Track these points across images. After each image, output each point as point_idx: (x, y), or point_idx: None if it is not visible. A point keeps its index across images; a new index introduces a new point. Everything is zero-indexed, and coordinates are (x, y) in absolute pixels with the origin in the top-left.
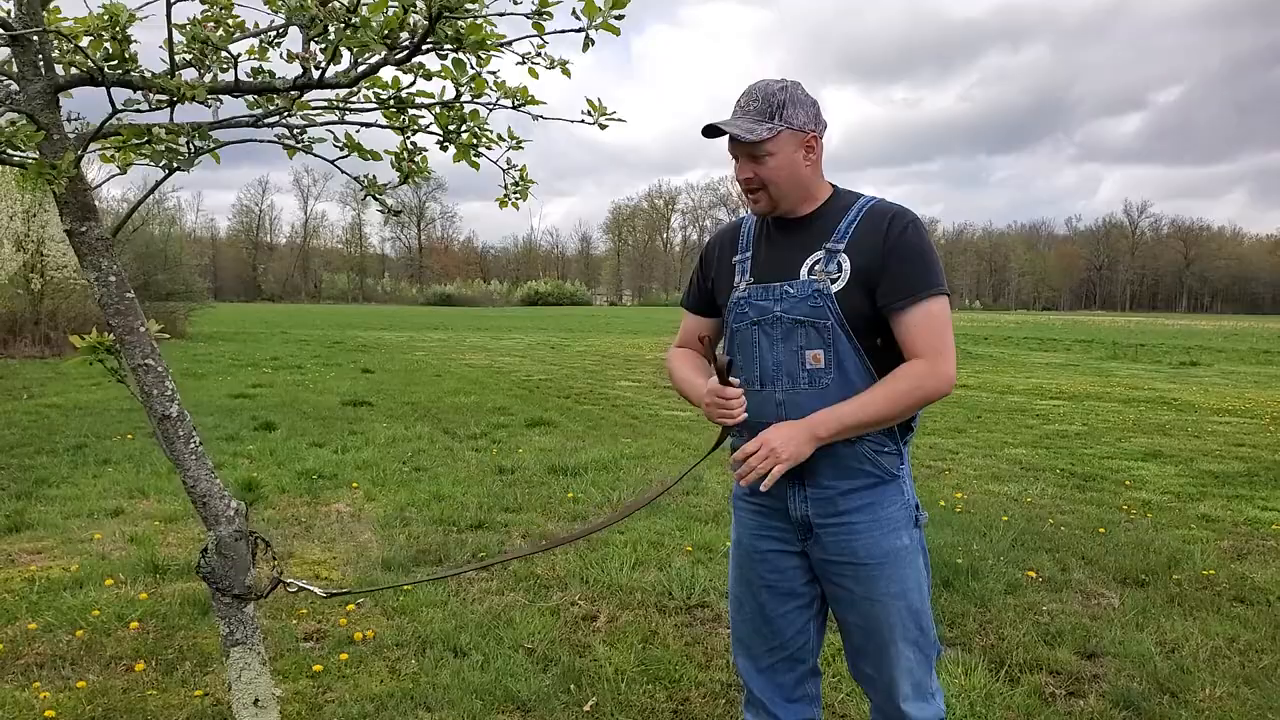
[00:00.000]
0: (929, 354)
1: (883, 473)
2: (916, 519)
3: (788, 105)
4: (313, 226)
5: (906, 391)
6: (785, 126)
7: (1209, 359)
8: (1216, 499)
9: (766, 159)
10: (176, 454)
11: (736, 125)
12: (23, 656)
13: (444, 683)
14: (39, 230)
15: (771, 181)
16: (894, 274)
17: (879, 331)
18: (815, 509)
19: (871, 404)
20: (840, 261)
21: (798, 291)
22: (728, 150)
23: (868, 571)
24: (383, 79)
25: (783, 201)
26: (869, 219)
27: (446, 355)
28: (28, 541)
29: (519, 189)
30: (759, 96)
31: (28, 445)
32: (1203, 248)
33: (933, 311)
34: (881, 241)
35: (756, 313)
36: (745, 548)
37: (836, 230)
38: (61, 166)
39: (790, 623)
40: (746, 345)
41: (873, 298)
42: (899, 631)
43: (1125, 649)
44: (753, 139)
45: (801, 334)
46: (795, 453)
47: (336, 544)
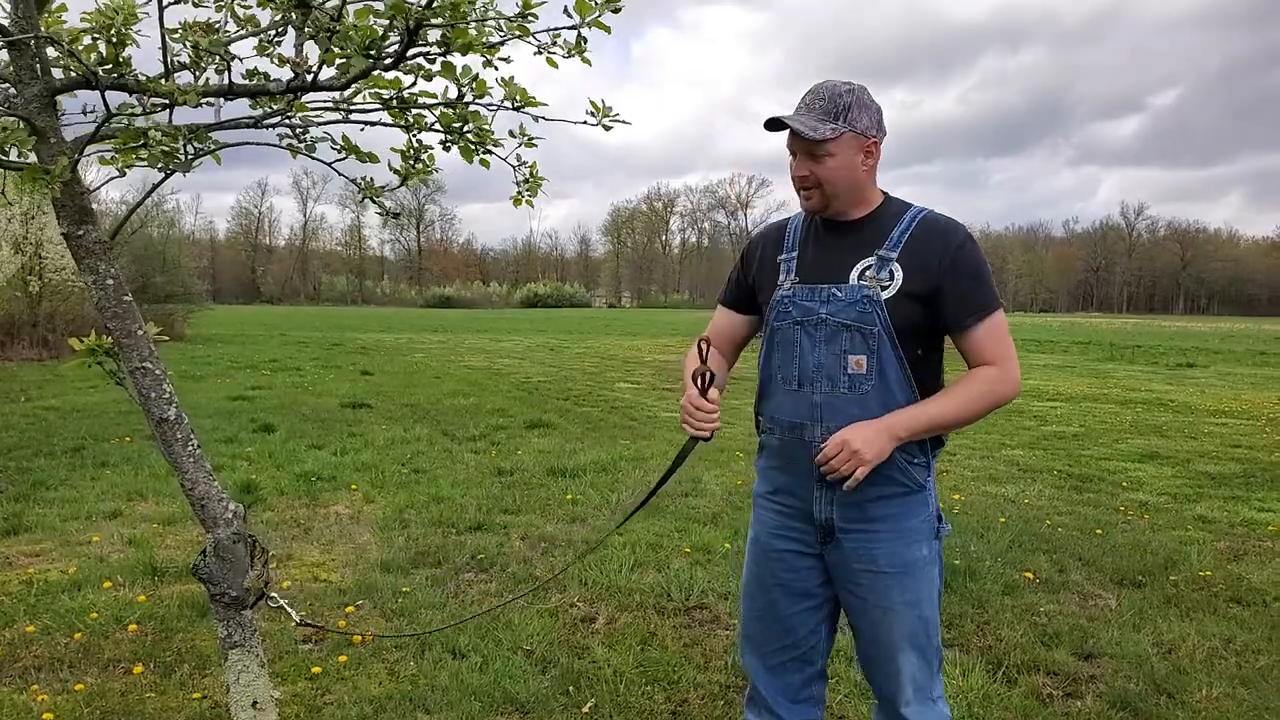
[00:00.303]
0: (999, 361)
1: (912, 483)
2: (938, 531)
3: (853, 108)
4: (312, 229)
5: (981, 395)
6: (849, 129)
7: (1206, 360)
8: (1213, 500)
9: (826, 159)
10: (175, 456)
11: (801, 121)
12: (21, 659)
13: (443, 684)
14: (37, 233)
15: (828, 181)
16: (960, 292)
17: (922, 342)
18: (841, 513)
19: (949, 406)
20: (892, 270)
21: (846, 296)
22: (786, 145)
23: (885, 580)
24: (384, 79)
25: (834, 202)
26: (923, 230)
27: (445, 357)
28: (25, 544)
29: (530, 186)
30: (825, 96)
31: (25, 448)
32: (1199, 250)
33: (998, 323)
34: (940, 257)
35: (800, 313)
36: (762, 545)
37: (889, 238)
38: (55, 171)
39: (802, 622)
40: (787, 344)
41: (923, 308)
42: (908, 639)
43: (1122, 650)
44: (816, 137)
45: (846, 338)
46: (878, 453)
47: (335, 546)
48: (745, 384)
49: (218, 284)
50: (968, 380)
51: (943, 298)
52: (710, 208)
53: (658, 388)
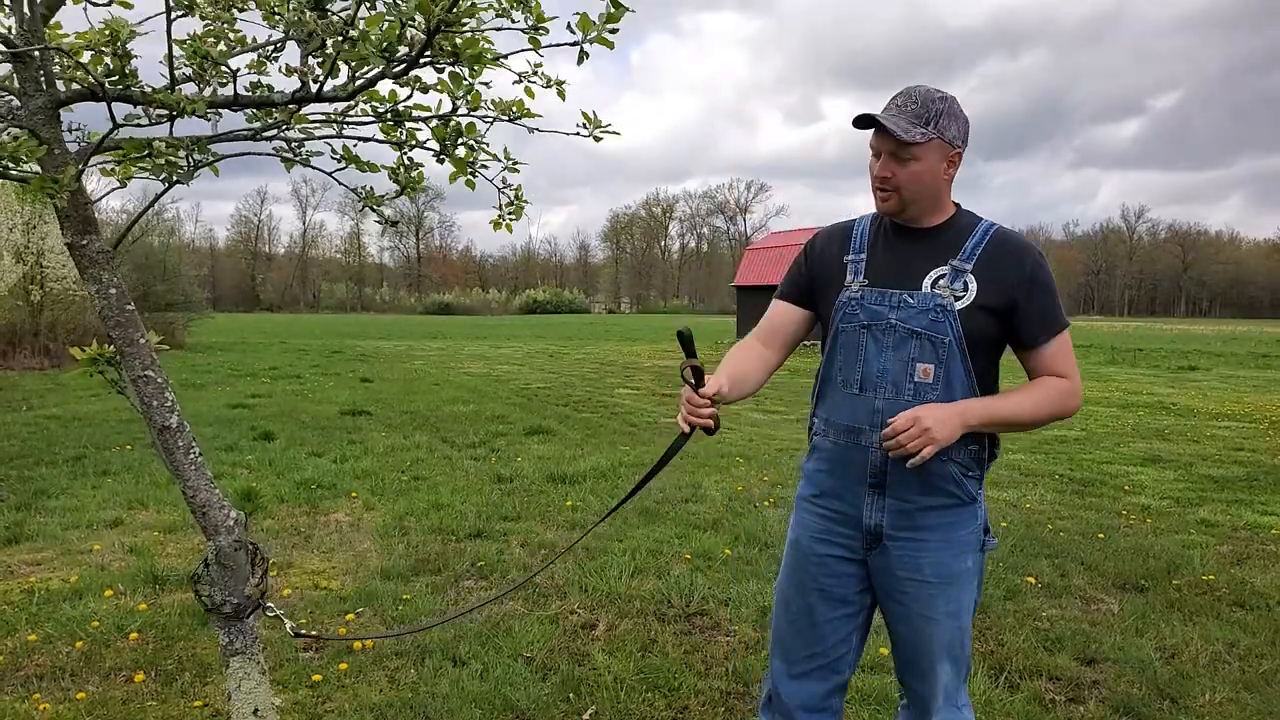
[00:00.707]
0: (1069, 376)
1: (964, 495)
2: (983, 544)
3: (943, 116)
4: (311, 236)
5: (1053, 402)
6: (938, 135)
7: (1208, 363)
8: (1216, 504)
9: (911, 163)
10: (176, 464)
11: (894, 122)
12: (22, 668)
13: (443, 692)
14: (38, 242)
15: (908, 186)
16: (1037, 309)
17: (988, 355)
18: (891, 520)
19: (1021, 405)
20: (967, 281)
21: (918, 303)
22: (870, 143)
23: (929, 590)
24: (379, 93)
25: (911, 207)
26: (997, 245)
27: (445, 364)
28: (27, 553)
29: (513, 209)
30: (918, 100)
31: (27, 456)
32: (1200, 252)
33: (1067, 341)
34: (1017, 274)
35: (868, 316)
36: (803, 549)
37: (963, 249)
38: (63, 181)
39: (835, 630)
40: (851, 347)
41: (993, 322)
42: (945, 649)
43: (1125, 654)
44: (907, 139)
45: (915, 345)
46: (949, 436)
47: (336, 553)
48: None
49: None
50: (1040, 385)
51: (1019, 314)
52: (709, 213)
53: (657, 393)
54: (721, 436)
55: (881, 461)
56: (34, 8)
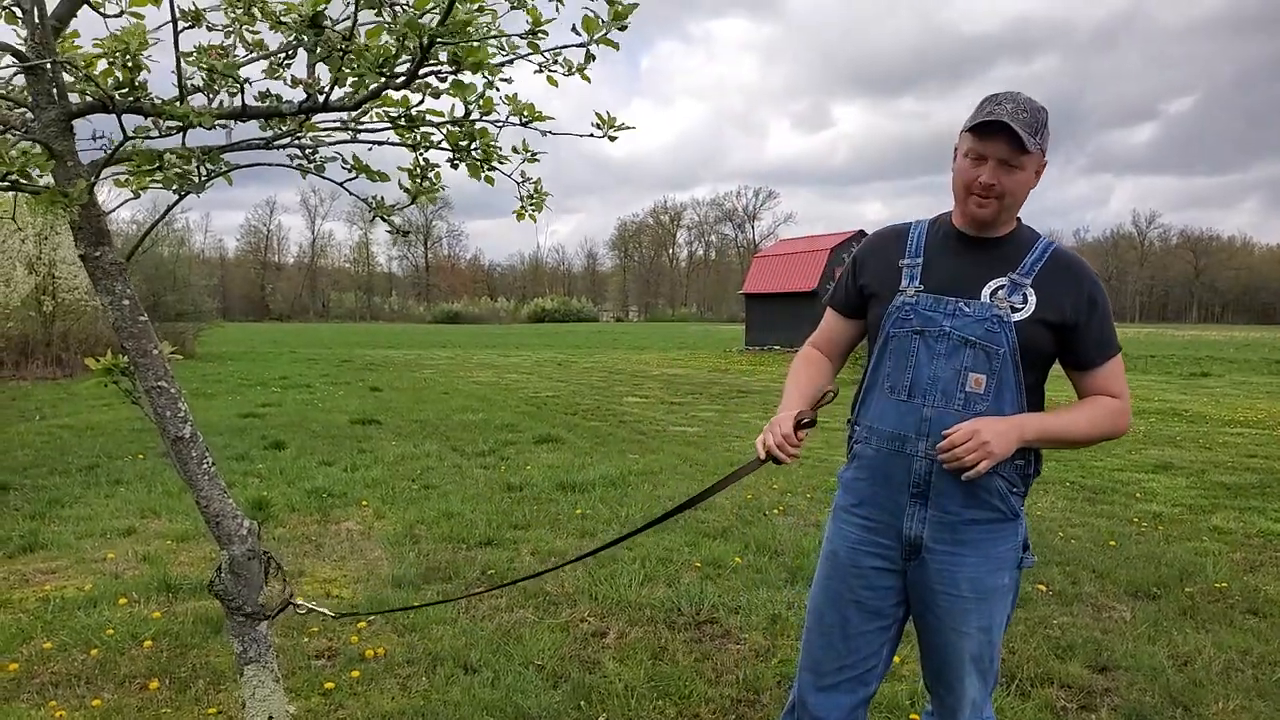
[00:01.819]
0: (1122, 397)
1: (1008, 510)
2: (1021, 560)
3: (1044, 128)
4: (320, 246)
5: (1106, 419)
6: (1041, 148)
7: (1220, 369)
8: (1229, 511)
9: (1018, 172)
10: (190, 474)
11: (1021, 132)
12: (38, 676)
13: (455, 699)
14: (50, 253)
15: (1011, 194)
16: (1096, 330)
17: (1039, 370)
18: (932, 532)
19: (1076, 422)
20: (1026, 294)
21: (975, 312)
22: (974, 148)
23: (963, 604)
24: (392, 98)
25: (1004, 215)
26: (1056, 263)
27: (454, 373)
28: (42, 561)
29: (534, 201)
30: (1028, 109)
31: (41, 466)
32: (1213, 258)
33: (1120, 363)
34: (1077, 294)
35: (921, 322)
36: (842, 560)
37: (1023, 264)
38: (74, 195)
39: (868, 642)
40: (901, 353)
41: (1049, 339)
42: (974, 662)
43: (1137, 662)
44: (1028, 148)
45: (969, 355)
46: (1006, 450)
47: (347, 562)
48: (755, 396)
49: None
50: (1093, 403)
51: (1079, 334)
52: (717, 220)
53: (666, 401)
54: (730, 445)
55: (925, 471)
56: (45, 20)
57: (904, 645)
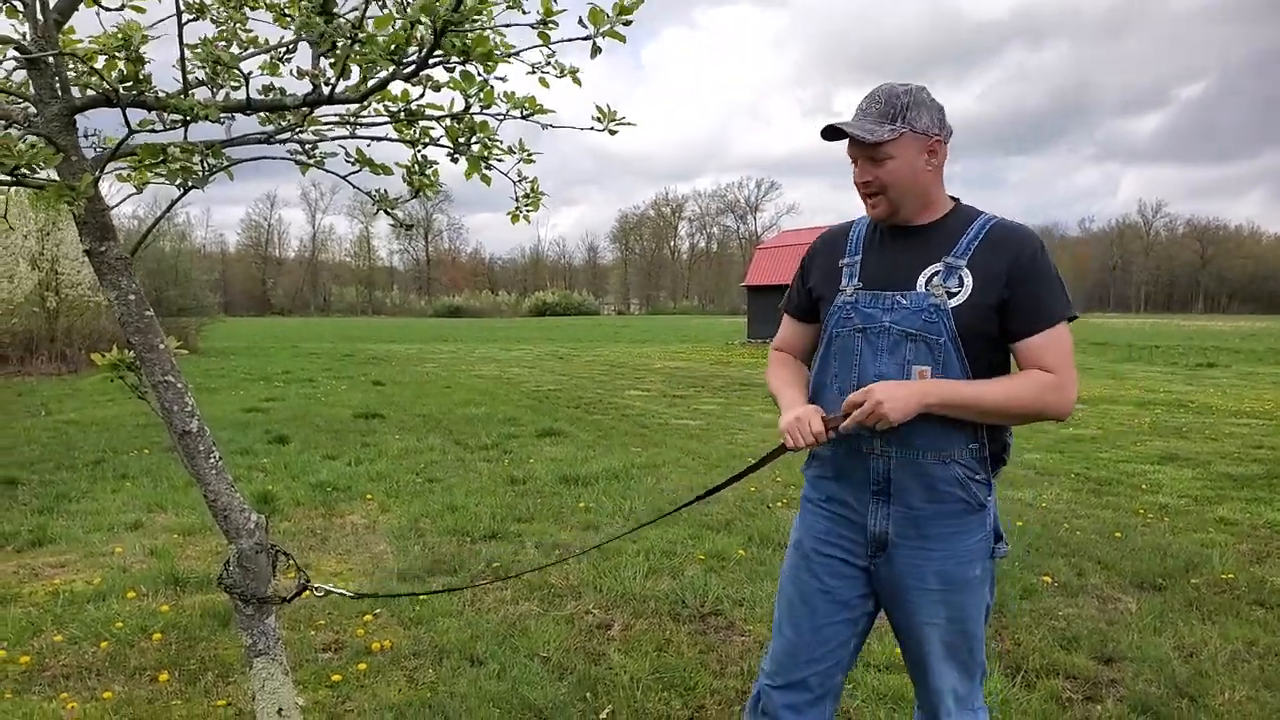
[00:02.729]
0: (1057, 372)
1: (972, 500)
2: (994, 550)
3: (911, 108)
4: (321, 240)
5: (1028, 394)
6: (908, 129)
7: (1226, 360)
8: (1235, 502)
9: (887, 162)
10: (197, 468)
11: (857, 127)
12: (50, 668)
13: (461, 691)
14: (53, 249)
15: (892, 185)
16: (1029, 300)
17: (990, 354)
18: (897, 527)
19: (988, 391)
20: (961, 276)
21: (911, 303)
22: (847, 153)
23: (933, 598)
24: (392, 92)
25: (903, 207)
26: (993, 237)
27: (456, 367)
28: (51, 555)
29: (530, 201)
30: (881, 99)
31: (48, 461)
32: (1220, 247)
33: (1063, 336)
34: (1011, 265)
35: (862, 319)
36: (806, 550)
37: (958, 245)
38: (79, 188)
39: (835, 634)
40: (846, 352)
41: (992, 318)
42: (951, 654)
43: (1143, 653)
44: (873, 140)
45: (910, 347)
46: (903, 412)
47: (352, 555)
48: (757, 389)
49: (229, 297)
50: (1020, 375)
51: (1011, 306)
52: (719, 212)
53: (668, 395)
54: (733, 438)
55: (884, 469)
56: (47, 14)
57: None
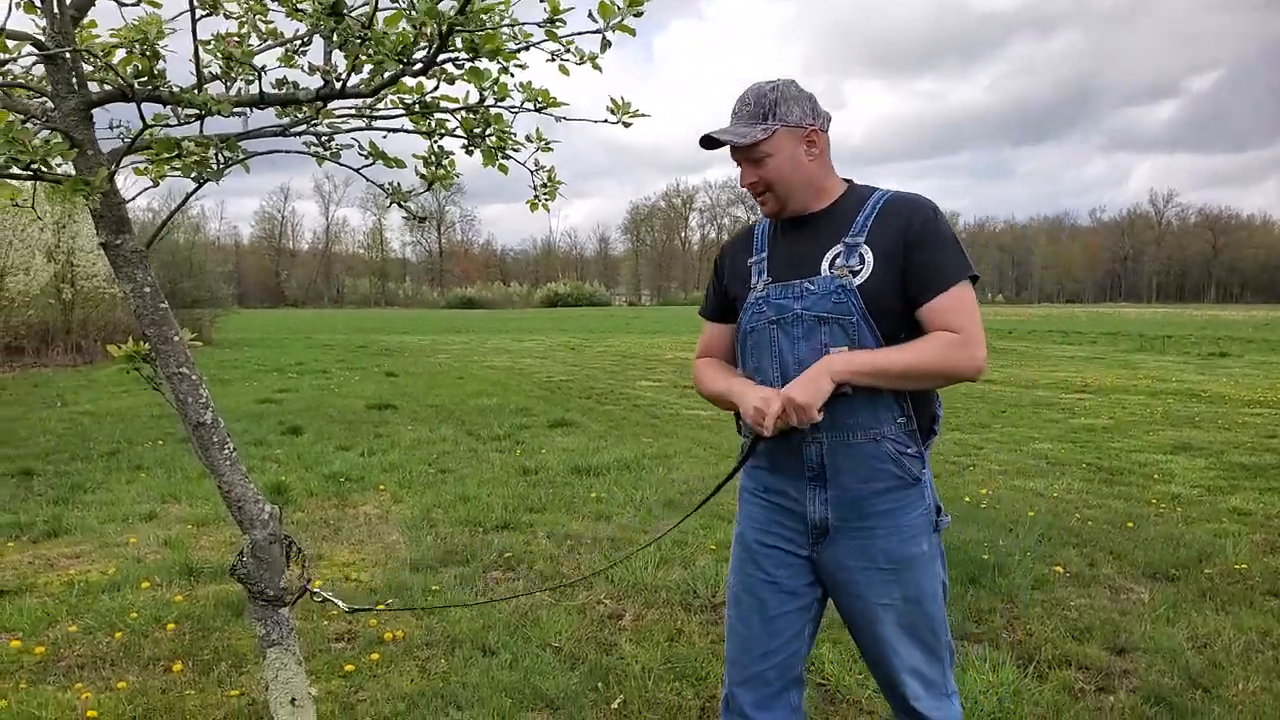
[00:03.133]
0: (961, 331)
1: (906, 475)
2: (936, 524)
3: (780, 103)
4: (334, 232)
5: (935, 354)
6: (781, 124)
7: (1239, 349)
8: (1248, 492)
9: (767, 160)
10: (211, 460)
11: (731, 132)
12: (65, 658)
13: (473, 681)
14: (69, 241)
15: (776, 181)
16: (924, 264)
17: (903, 325)
18: (836, 512)
19: (896, 355)
20: (862, 254)
21: (819, 288)
22: (731, 158)
23: (883, 577)
24: (406, 84)
25: (791, 200)
26: (887, 210)
27: (468, 358)
28: (66, 546)
29: (548, 190)
30: (751, 100)
31: (63, 451)
32: (1232, 236)
33: (964, 296)
34: (905, 232)
35: (775, 311)
36: (750, 542)
37: (854, 224)
38: (95, 182)
39: (789, 624)
40: (764, 345)
41: (898, 290)
42: (911, 635)
43: (1156, 644)
44: (746, 142)
45: (825, 331)
46: (812, 394)
47: (365, 545)
48: None
49: (243, 288)
50: (925, 339)
51: (909, 270)
52: (730, 203)
53: (679, 385)
54: None
55: (817, 455)
56: (64, 9)
57: None
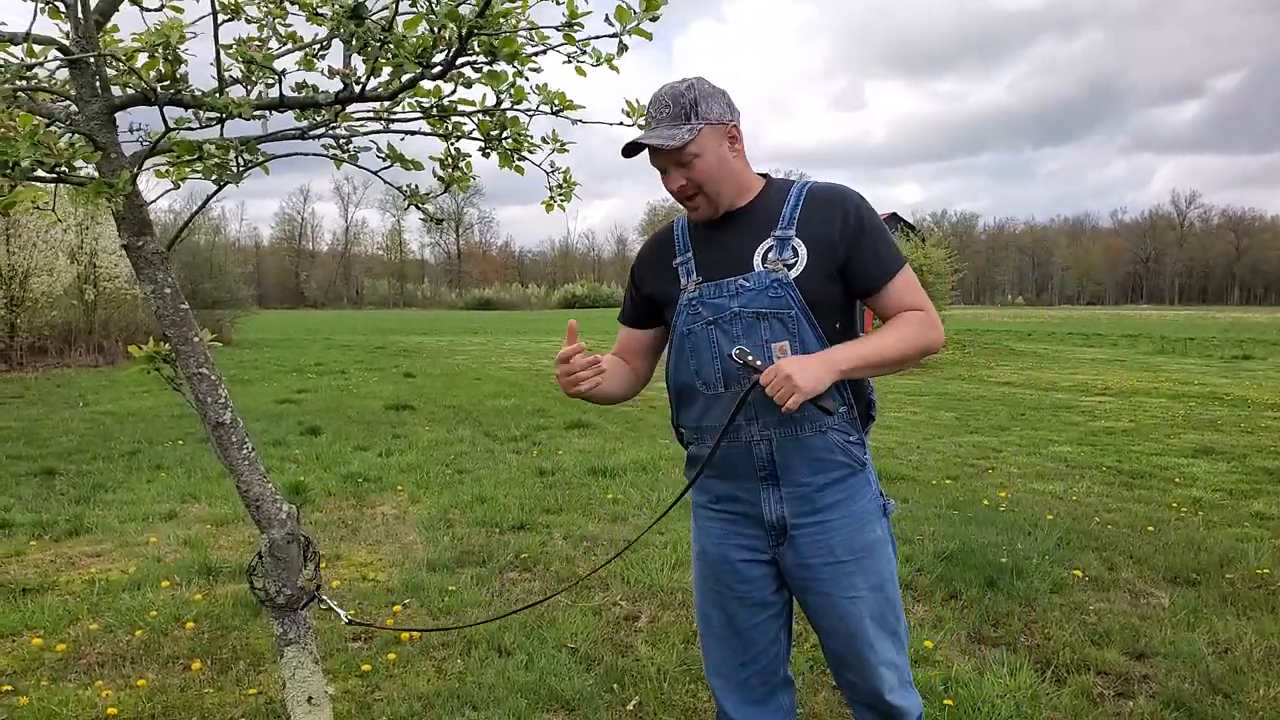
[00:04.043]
0: (924, 308)
1: (853, 462)
2: (884, 508)
3: (700, 101)
4: (353, 233)
5: (916, 334)
6: (704, 123)
7: (1263, 352)
8: (1272, 496)
9: (694, 161)
10: (230, 459)
11: (657, 136)
12: (85, 656)
13: (489, 682)
14: (92, 243)
15: (707, 182)
16: (868, 256)
17: (838, 315)
18: (792, 508)
19: (888, 342)
20: (795, 247)
21: (754, 283)
22: (653, 164)
23: (847, 568)
24: (424, 88)
25: (720, 199)
26: (814, 201)
27: (486, 359)
28: (87, 544)
29: (563, 191)
30: (669, 101)
31: (85, 451)
32: (1255, 238)
33: (910, 277)
34: (841, 224)
35: (711, 311)
36: (712, 558)
37: (781, 217)
38: (118, 185)
39: (763, 633)
40: (703, 346)
41: (836, 282)
42: (879, 624)
43: (1176, 649)
44: (677, 144)
45: (765, 327)
46: (814, 382)
47: (382, 546)
48: None
49: (262, 289)
50: (899, 321)
51: (853, 264)
52: None
53: None
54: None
55: (767, 452)
56: (88, 14)
57: (937, 632)
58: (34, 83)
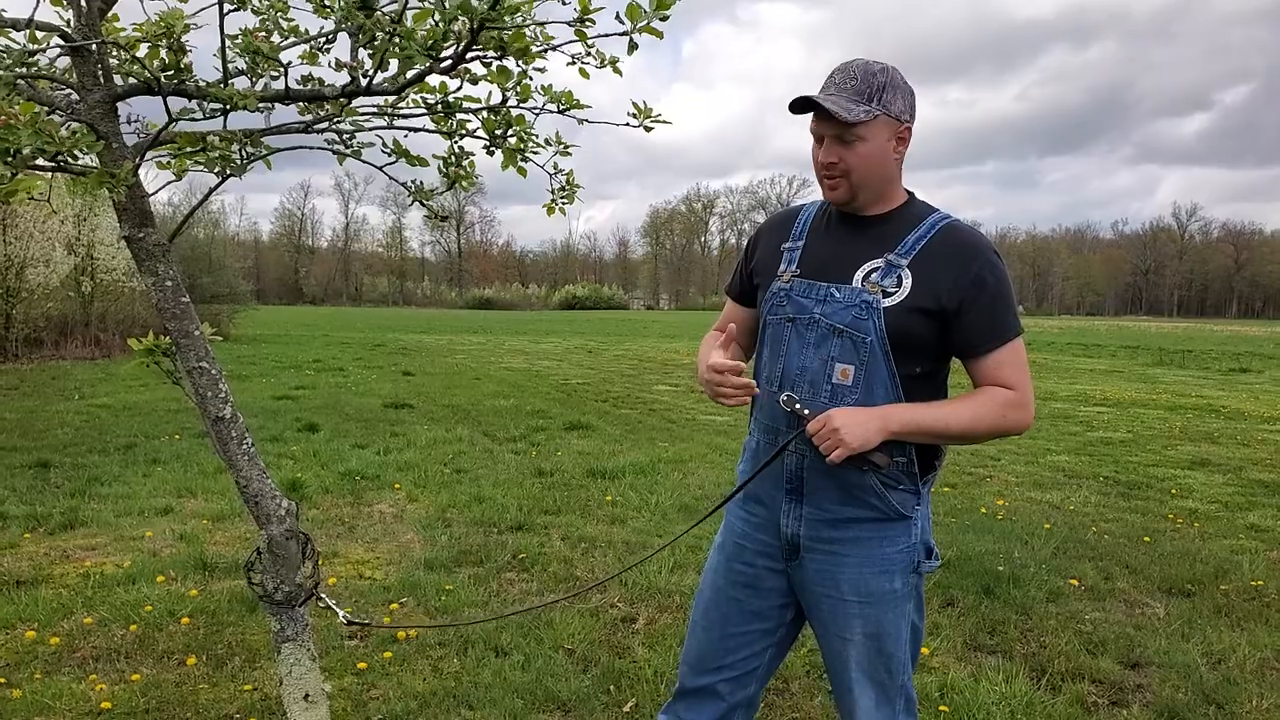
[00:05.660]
0: (1019, 389)
1: (889, 510)
2: (918, 565)
3: (887, 89)
4: (354, 230)
5: (992, 414)
6: (883, 111)
7: (1260, 365)
8: (1266, 509)
9: (857, 144)
10: (229, 455)
11: (833, 102)
12: (79, 650)
13: (486, 682)
14: (89, 234)
15: (857, 169)
16: (983, 314)
17: (923, 361)
18: (807, 530)
19: (954, 415)
20: (900, 276)
21: (844, 297)
22: (811, 129)
23: (846, 608)
24: (430, 84)
25: (862, 193)
26: (943, 240)
27: (485, 358)
28: (82, 538)
29: (565, 193)
30: (858, 75)
31: (80, 444)
32: (1255, 251)
33: (1019, 351)
34: (961, 275)
35: (794, 309)
36: (727, 554)
37: (903, 242)
38: (120, 175)
39: (748, 644)
40: (775, 342)
41: (930, 326)
42: (865, 673)
43: (1170, 659)
44: (849, 119)
45: (836, 344)
46: (862, 439)
47: (380, 544)
48: None
49: (262, 285)
50: (980, 394)
51: (961, 318)
52: (750, 208)
53: (696, 390)
54: None
55: (797, 466)
56: (91, 2)
57: (934, 638)
58: (35, 70)
